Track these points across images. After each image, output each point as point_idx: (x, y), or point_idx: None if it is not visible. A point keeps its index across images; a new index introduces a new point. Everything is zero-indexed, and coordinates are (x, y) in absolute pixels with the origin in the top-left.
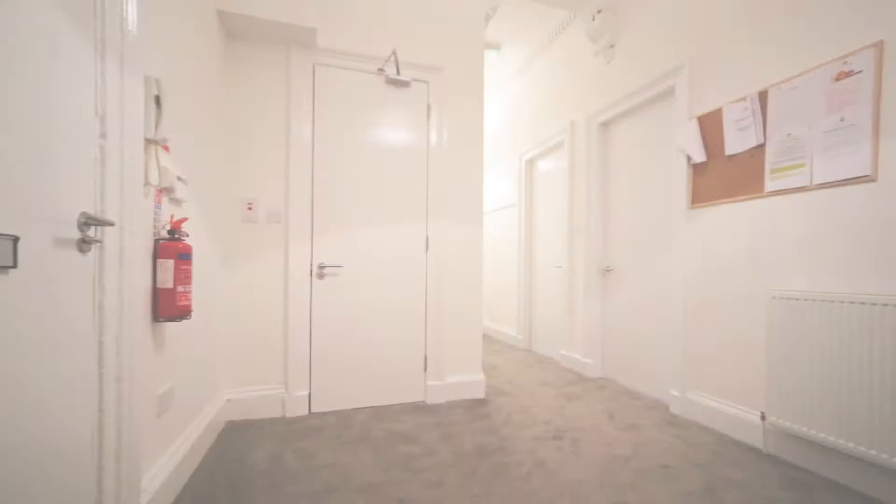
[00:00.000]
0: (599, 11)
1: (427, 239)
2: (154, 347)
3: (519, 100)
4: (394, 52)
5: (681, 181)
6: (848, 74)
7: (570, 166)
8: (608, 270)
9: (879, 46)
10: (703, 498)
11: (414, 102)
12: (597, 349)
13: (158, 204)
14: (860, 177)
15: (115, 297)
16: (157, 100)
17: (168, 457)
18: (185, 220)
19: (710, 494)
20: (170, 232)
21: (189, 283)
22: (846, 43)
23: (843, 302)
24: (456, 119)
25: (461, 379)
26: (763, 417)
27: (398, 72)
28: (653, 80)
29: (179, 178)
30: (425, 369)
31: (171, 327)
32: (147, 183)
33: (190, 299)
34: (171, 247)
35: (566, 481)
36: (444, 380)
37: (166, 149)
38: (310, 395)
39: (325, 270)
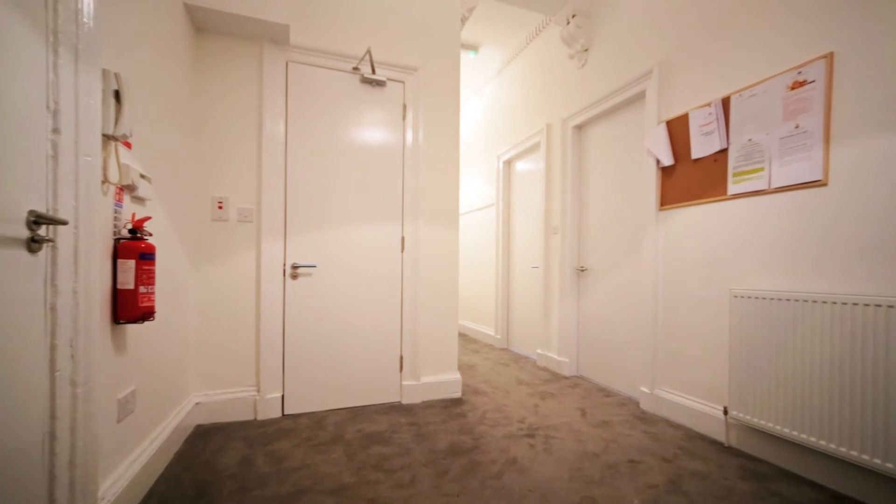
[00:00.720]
0: (574, 16)
1: (403, 239)
2: (114, 350)
3: (497, 101)
4: (368, 51)
5: (650, 184)
6: (802, 84)
7: (546, 168)
8: (583, 270)
9: (830, 58)
10: (666, 490)
11: (390, 102)
12: (572, 348)
13: (119, 202)
14: (813, 181)
15: (69, 299)
16: (117, 94)
17: (129, 463)
18: (147, 218)
19: (673, 487)
20: (131, 231)
21: (152, 284)
22: (800, 54)
23: (797, 300)
24: (432, 119)
25: (437, 379)
26: (725, 412)
27: (373, 71)
28: (625, 85)
29: (143, 176)
30: (401, 370)
31: (133, 329)
32: (106, 180)
33: (153, 300)
34: (132, 246)
35: (537, 478)
36: (419, 380)
37: (128, 145)
38: (283, 396)
39: (299, 271)
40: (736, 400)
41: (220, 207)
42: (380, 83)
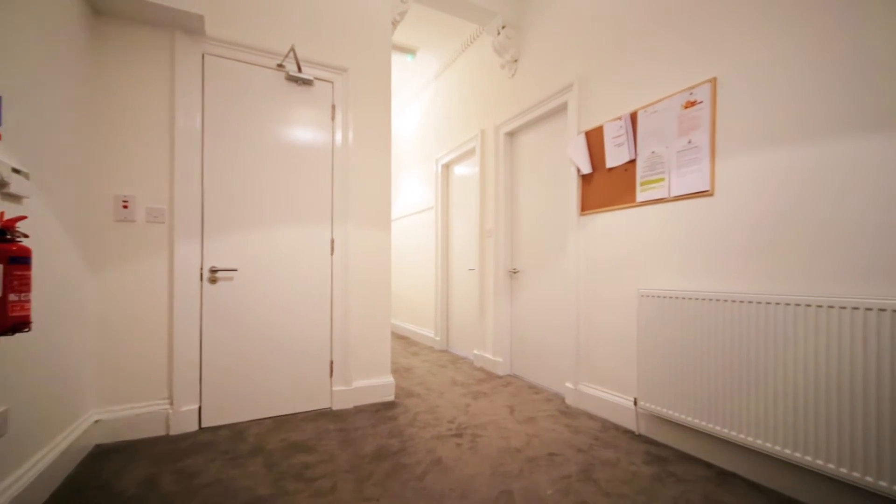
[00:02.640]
0: (504, 27)
1: (332, 241)
2: None
3: (436, 105)
4: (292, 49)
5: (572, 190)
6: (693, 104)
7: (480, 172)
8: (515, 272)
9: (714, 82)
10: (579, 479)
11: (318, 101)
12: (505, 348)
13: None
14: (702, 191)
15: None
16: None
17: None
18: (21, 218)
19: (585, 475)
20: None
21: (27, 291)
22: (692, 76)
23: (690, 298)
24: (362, 121)
25: (369, 383)
26: (635, 403)
27: (299, 69)
28: (550, 96)
29: (17, 171)
30: (331, 375)
31: (2, 343)
32: None
33: (28, 309)
34: None
35: (460, 476)
36: (351, 384)
37: None
38: (200, 409)
39: (219, 274)
40: (643, 391)
41: (126, 207)
42: (307, 82)
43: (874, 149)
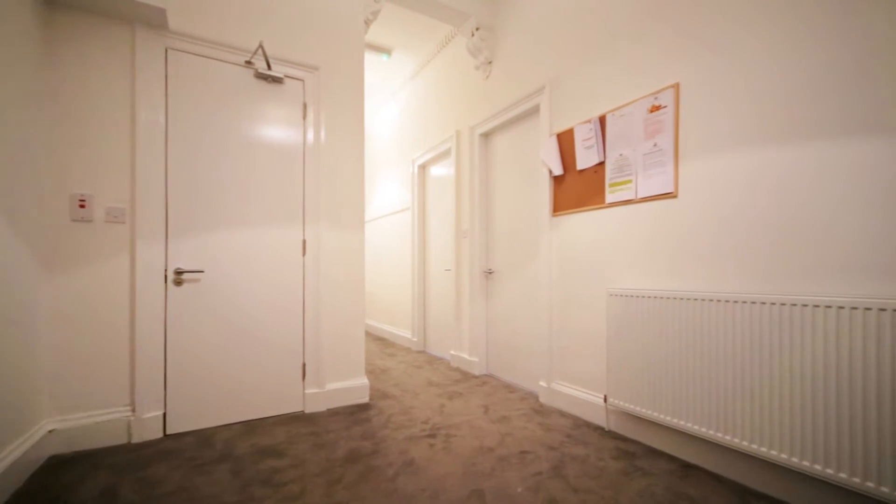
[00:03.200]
0: (478, 29)
1: (304, 242)
2: None
3: (412, 105)
4: (261, 46)
5: (545, 191)
6: (658, 108)
7: (456, 173)
8: (490, 273)
9: (676, 88)
10: (549, 476)
11: (288, 100)
12: (481, 348)
13: None
14: (667, 193)
15: None
16: None
17: None
18: None
19: (556, 472)
20: None
21: None
22: (656, 81)
23: (656, 297)
24: (335, 120)
25: (343, 385)
26: (605, 400)
27: (269, 67)
28: (523, 98)
29: None
30: (304, 378)
31: None
32: None
33: None
34: None
35: (432, 477)
36: (324, 387)
37: None
38: (164, 415)
39: (184, 276)
40: (613, 388)
41: (83, 206)
42: (276, 80)
43: (835, 152)
